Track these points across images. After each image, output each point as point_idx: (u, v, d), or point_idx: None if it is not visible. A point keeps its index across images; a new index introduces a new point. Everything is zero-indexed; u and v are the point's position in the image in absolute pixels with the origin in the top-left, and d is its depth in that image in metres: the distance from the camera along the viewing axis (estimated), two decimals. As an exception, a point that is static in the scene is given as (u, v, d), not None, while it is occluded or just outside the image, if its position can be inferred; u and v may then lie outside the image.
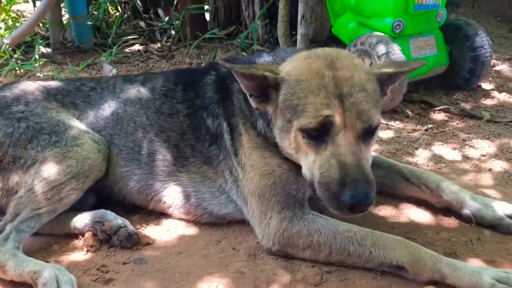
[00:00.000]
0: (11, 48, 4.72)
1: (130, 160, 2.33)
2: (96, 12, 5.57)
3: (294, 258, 2.00)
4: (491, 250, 2.06)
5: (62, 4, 5.34)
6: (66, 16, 5.40)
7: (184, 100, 2.35)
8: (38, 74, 4.45)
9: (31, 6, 6.00)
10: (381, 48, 3.42)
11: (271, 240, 2.01)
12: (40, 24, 5.45)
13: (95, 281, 1.93)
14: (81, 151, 2.17)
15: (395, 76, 2.02)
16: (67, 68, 4.59)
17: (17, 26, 5.39)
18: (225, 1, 5.19)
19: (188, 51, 4.87)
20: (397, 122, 3.56)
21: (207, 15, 5.45)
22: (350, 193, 1.70)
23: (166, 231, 2.27)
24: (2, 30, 5.50)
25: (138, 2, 5.69)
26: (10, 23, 5.80)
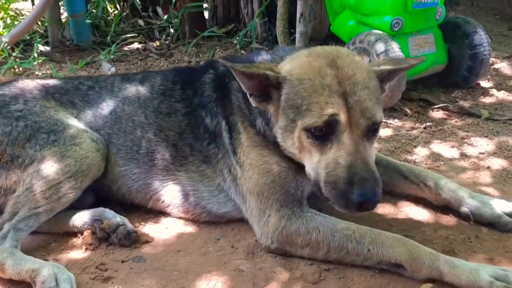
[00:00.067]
0: (9, 47, 4.72)
1: (129, 159, 2.33)
2: (94, 10, 5.56)
3: (293, 256, 2.00)
4: (489, 248, 2.06)
5: (61, 2, 5.34)
6: (64, 14, 5.41)
7: (183, 99, 2.35)
8: (36, 73, 4.44)
9: (30, 4, 6.01)
10: (380, 46, 3.42)
11: (269, 238, 2.01)
12: (39, 23, 5.44)
13: (93, 279, 1.93)
14: (79, 150, 2.17)
15: (394, 73, 2.03)
16: (66, 66, 4.59)
17: (15, 24, 5.39)
18: (224, -1, 5.20)
19: (187, 50, 4.86)
20: (395, 120, 3.56)
21: (206, 13, 5.45)
22: (358, 191, 1.71)
23: (164, 229, 2.27)
24: (0, 29, 5.50)
25: (137, 0, 5.68)
26: (9, 21, 5.81)
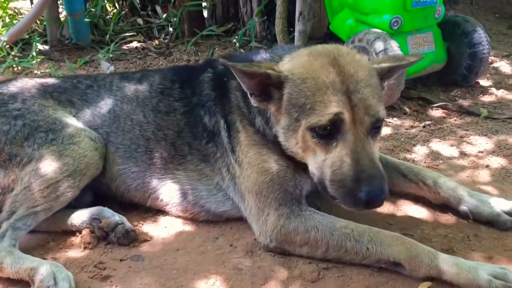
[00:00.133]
0: (8, 46, 4.72)
1: (127, 157, 2.32)
2: (93, 9, 5.55)
3: (291, 255, 2.00)
4: (488, 246, 2.06)
5: (60, 1, 5.33)
6: (63, 13, 5.40)
7: (181, 97, 2.34)
8: (35, 72, 4.44)
9: (28, 3, 6.00)
10: (379, 45, 3.41)
11: (268, 236, 2.01)
12: (38, 21, 5.43)
13: (92, 278, 1.93)
14: (77, 149, 2.17)
15: (394, 70, 2.04)
16: (65, 65, 4.58)
17: (14, 23, 5.38)
18: (222, -2, 5.19)
19: (186, 48, 4.86)
20: (394, 119, 3.56)
21: (205, 12, 5.45)
22: (366, 189, 1.72)
23: (163, 228, 2.27)
24: (-1, 28, 5.49)
25: (136, -1, 5.68)
26: (8, 20, 5.80)
